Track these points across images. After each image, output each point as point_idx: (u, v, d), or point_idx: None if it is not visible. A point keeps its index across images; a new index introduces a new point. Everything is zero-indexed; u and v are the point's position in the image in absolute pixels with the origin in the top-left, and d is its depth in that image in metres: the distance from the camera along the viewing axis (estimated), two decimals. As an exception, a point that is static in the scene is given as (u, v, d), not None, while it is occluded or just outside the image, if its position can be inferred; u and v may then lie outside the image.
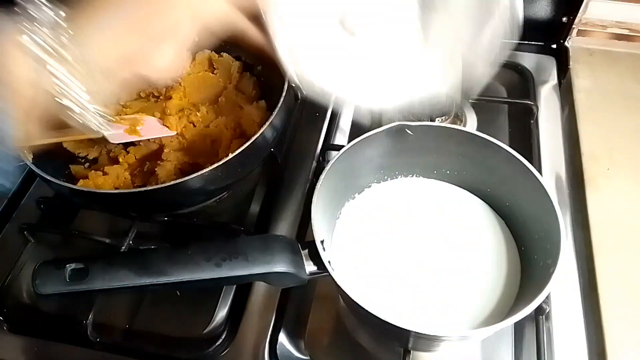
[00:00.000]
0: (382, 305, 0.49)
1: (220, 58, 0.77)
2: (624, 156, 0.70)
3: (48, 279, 0.44)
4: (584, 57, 0.83)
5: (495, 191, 0.57)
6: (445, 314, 0.50)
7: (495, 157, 0.53)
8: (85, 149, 0.71)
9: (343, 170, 0.54)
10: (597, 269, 0.60)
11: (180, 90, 0.74)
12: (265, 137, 0.60)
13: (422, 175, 0.61)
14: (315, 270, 0.47)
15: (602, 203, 0.65)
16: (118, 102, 0.75)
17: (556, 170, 0.71)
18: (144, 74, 0.47)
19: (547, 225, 0.48)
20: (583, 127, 0.73)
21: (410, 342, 0.50)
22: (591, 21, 0.82)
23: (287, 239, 0.49)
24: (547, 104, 0.79)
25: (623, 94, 0.77)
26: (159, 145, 0.69)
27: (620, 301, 0.57)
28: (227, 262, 0.45)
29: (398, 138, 0.55)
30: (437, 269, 0.53)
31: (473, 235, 0.56)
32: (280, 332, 0.59)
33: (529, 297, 0.44)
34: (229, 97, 0.73)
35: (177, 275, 0.45)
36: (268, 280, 0.48)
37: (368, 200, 0.60)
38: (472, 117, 0.79)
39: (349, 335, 0.60)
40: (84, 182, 0.64)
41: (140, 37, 0.45)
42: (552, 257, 0.46)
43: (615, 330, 0.55)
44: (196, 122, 0.70)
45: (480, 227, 0.57)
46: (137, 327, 0.61)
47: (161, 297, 0.63)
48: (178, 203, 0.64)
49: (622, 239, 0.62)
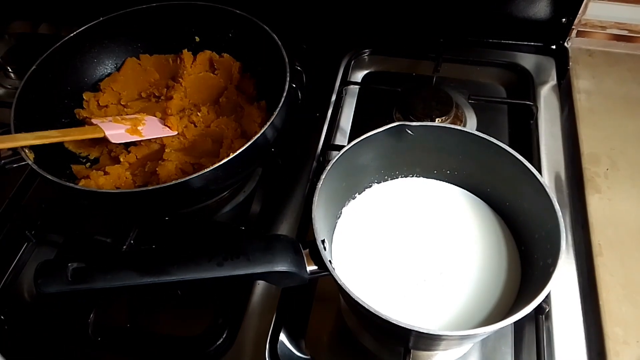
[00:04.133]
0: (382, 305, 0.49)
1: (221, 58, 0.77)
2: (623, 156, 0.70)
3: (50, 279, 0.44)
4: (584, 58, 0.83)
5: (495, 191, 0.57)
6: (445, 313, 0.50)
7: (495, 157, 0.54)
8: (87, 149, 0.71)
9: (344, 170, 0.54)
10: (597, 268, 0.60)
11: (181, 90, 0.74)
12: (266, 137, 0.60)
13: (423, 175, 0.61)
14: (316, 269, 0.47)
15: (601, 203, 0.65)
16: (119, 102, 0.76)
17: (556, 170, 0.71)
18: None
19: (547, 225, 0.48)
20: (583, 127, 0.73)
21: (411, 342, 0.50)
22: (591, 22, 0.83)
23: (288, 239, 0.49)
24: (547, 105, 0.79)
25: (623, 94, 0.78)
26: (160, 145, 0.69)
27: (620, 301, 0.57)
28: (229, 262, 0.45)
29: (398, 138, 0.55)
30: (437, 268, 0.53)
31: (473, 235, 0.56)
32: (281, 331, 0.59)
33: (529, 296, 0.44)
34: (229, 97, 0.74)
35: (179, 274, 0.45)
36: (269, 280, 0.48)
37: (369, 200, 0.60)
38: (472, 117, 0.79)
39: (350, 334, 0.60)
40: (85, 181, 0.64)
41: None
42: (552, 257, 0.46)
43: (614, 330, 0.55)
44: (197, 122, 0.71)
45: (480, 227, 0.57)
46: (138, 326, 0.61)
47: (162, 297, 0.63)
48: (179, 203, 0.64)
49: (622, 238, 0.62)
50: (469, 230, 0.56)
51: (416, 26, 0.88)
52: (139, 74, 0.78)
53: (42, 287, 0.44)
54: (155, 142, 0.70)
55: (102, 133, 0.65)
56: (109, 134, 0.65)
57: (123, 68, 0.78)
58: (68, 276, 0.44)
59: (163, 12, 0.76)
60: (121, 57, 0.78)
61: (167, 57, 0.79)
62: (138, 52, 0.79)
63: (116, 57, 0.78)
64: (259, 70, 0.76)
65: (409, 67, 0.87)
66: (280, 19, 0.73)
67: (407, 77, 0.86)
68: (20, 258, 0.67)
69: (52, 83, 0.71)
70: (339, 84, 0.84)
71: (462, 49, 0.87)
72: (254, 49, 0.73)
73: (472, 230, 0.56)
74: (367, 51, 0.89)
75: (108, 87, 0.76)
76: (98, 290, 0.45)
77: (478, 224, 0.57)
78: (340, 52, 0.89)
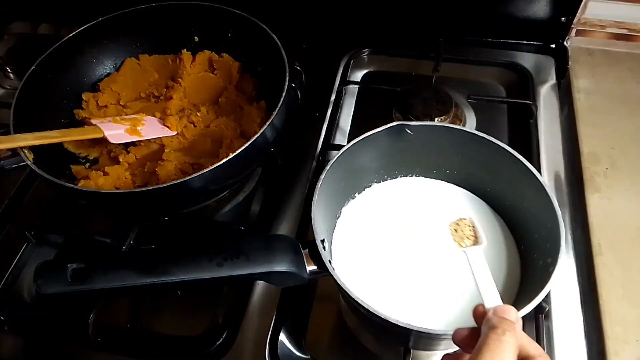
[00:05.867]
0: (382, 304, 0.49)
1: (220, 58, 0.77)
2: (623, 156, 0.70)
3: (50, 279, 0.44)
4: (583, 57, 0.83)
5: (495, 190, 0.57)
6: (445, 312, 0.50)
7: (495, 156, 0.54)
8: (86, 149, 0.71)
9: (343, 170, 0.54)
10: (597, 268, 0.60)
11: (181, 90, 0.74)
12: (266, 137, 0.60)
13: (422, 174, 0.61)
14: (315, 269, 0.47)
15: (601, 202, 0.65)
16: (118, 102, 0.76)
17: (555, 169, 0.71)
18: None
19: (546, 224, 0.48)
20: (582, 126, 0.73)
21: (411, 341, 0.51)
22: (590, 21, 0.83)
23: (288, 239, 0.49)
24: (547, 104, 0.79)
25: (622, 93, 0.78)
26: (159, 145, 0.69)
27: (620, 300, 0.57)
28: (229, 262, 0.45)
29: (398, 138, 0.55)
30: (437, 267, 0.53)
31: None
32: (281, 331, 0.59)
33: (529, 296, 0.44)
34: (229, 97, 0.74)
35: (179, 275, 0.45)
36: (269, 280, 0.48)
37: (368, 199, 0.60)
38: (471, 117, 0.79)
39: (350, 334, 0.60)
40: (84, 182, 0.64)
41: None
42: (551, 256, 0.46)
43: (614, 330, 0.55)
44: (196, 122, 0.71)
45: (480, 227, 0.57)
46: (138, 326, 0.61)
47: (162, 297, 0.63)
48: (179, 203, 0.64)
49: (622, 238, 0.62)
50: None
51: (416, 26, 0.88)
52: (138, 74, 0.78)
53: (42, 287, 0.44)
54: (155, 143, 0.69)
55: (102, 133, 0.65)
56: (108, 134, 0.65)
57: (122, 68, 0.78)
58: (68, 276, 0.44)
59: (162, 12, 0.76)
60: (120, 57, 0.78)
61: (166, 57, 0.79)
62: (137, 52, 0.79)
63: (115, 57, 0.78)
64: (258, 70, 0.76)
65: (409, 67, 0.87)
66: (280, 19, 0.73)
67: (407, 76, 0.86)
68: (20, 258, 0.67)
69: (52, 83, 0.71)
70: (339, 84, 0.84)
71: (462, 48, 0.86)
72: (254, 49, 0.73)
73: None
74: (366, 51, 0.89)
75: (107, 87, 0.75)
76: (98, 291, 0.45)
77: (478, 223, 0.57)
78: (340, 51, 0.89)
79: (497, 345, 0.34)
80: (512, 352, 0.35)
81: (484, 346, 0.35)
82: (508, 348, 0.34)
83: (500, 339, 0.35)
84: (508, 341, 0.35)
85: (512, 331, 0.35)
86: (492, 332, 0.35)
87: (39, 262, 0.46)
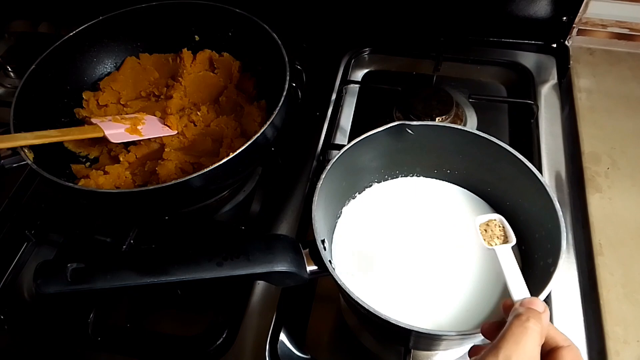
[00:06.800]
0: (382, 304, 0.49)
1: (221, 57, 0.77)
2: (624, 156, 0.70)
3: (49, 279, 0.44)
4: (584, 57, 0.83)
5: (495, 190, 0.57)
6: (445, 313, 0.50)
7: (495, 156, 0.53)
8: (86, 149, 0.71)
9: (344, 169, 0.54)
10: (597, 268, 0.60)
11: (181, 89, 0.74)
12: (266, 137, 0.60)
13: (423, 174, 0.61)
14: (316, 269, 0.47)
15: (602, 202, 0.65)
16: (119, 101, 0.76)
17: (556, 169, 0.71)
18: None
19: (547, 224, 0.48)
20: (583, 126, 0.73)
21: (411, 341, 0.50)
22: (591, 20, 0.82)
23: (288, 239, 0.49)
24: (548, 103, 0.79)
25: (623, 93, 0.77)
26: (159, 144, 0.69)
27: (621, 300, 0.57)
28: (229, 262, 0.45)
29: (398, 137, 0.55)
30: (437, 268, 0.53)
31: (473, 235, 0.56)
32: (281, 331, 0.59)
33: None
34: (229, 97, 0.73)
35: (179, 274, 0.45)
36: (269, 280, 0.48)
37: (369, 199, 0.60)
38: (472, 117, 0.79)
39: (350, 334, 0.60)
40: (84, 181, 0.64)
41: None
42: (552, 257, 0.46)
43: (615, 329, 0.55)
44: (197, 121, 0.71)
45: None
46: (138, 326, 0.61)
47: (162, 297, 0.63)
48: (179, 202, 0.64)
49: (622, 238, 0.62)
50: (469, 230, 0.56)
51: (416, 25, 0.88)
52: (138, 73, 0.77)
53: (42, 287, 0.44)
54: (155, 142, 0.69)
55: (102, 132, 0.65)
56: (109, 134, 0.65)
57: (123, 67, 0.77)
58: (68, 276, 0.44)
59: (163, 11, 0.76)
60: (121, 56, 0.78)
61: (166, 56, 0.79)
62: (138, 51, 0.79)
63: (116, 56, 0.78)
64: (258, 70, 0.76)
65: (409, 66, 0.87)
66: (280, 18, 0.73)
67: (408, 76, 0.86)
68: (20, 258, 0.67)
69: (52, 82, 0.71)
70: (339, 83, 0.84)
71: (463, 47, 0.86)
72: (254, 48, 0.73)
73: (473, 230, 0.56)
74: (367, 50, 0.89)
75: (108, 86, 0.75)
76: (98, 291, 0.45)
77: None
78: (340, 51, 0.89)
79: (521, 331, 0.34)
80: (536, 338, 0.35)
81: (508, 331, 0.35)
82: (532, 334, 0.34)
83: (524, 324, 0.35)
84: (532, 327, 0.35)
85: (537, 319, 0.35)
86: (516, 319, 0.36)
87: (39, 261, 0.46)
